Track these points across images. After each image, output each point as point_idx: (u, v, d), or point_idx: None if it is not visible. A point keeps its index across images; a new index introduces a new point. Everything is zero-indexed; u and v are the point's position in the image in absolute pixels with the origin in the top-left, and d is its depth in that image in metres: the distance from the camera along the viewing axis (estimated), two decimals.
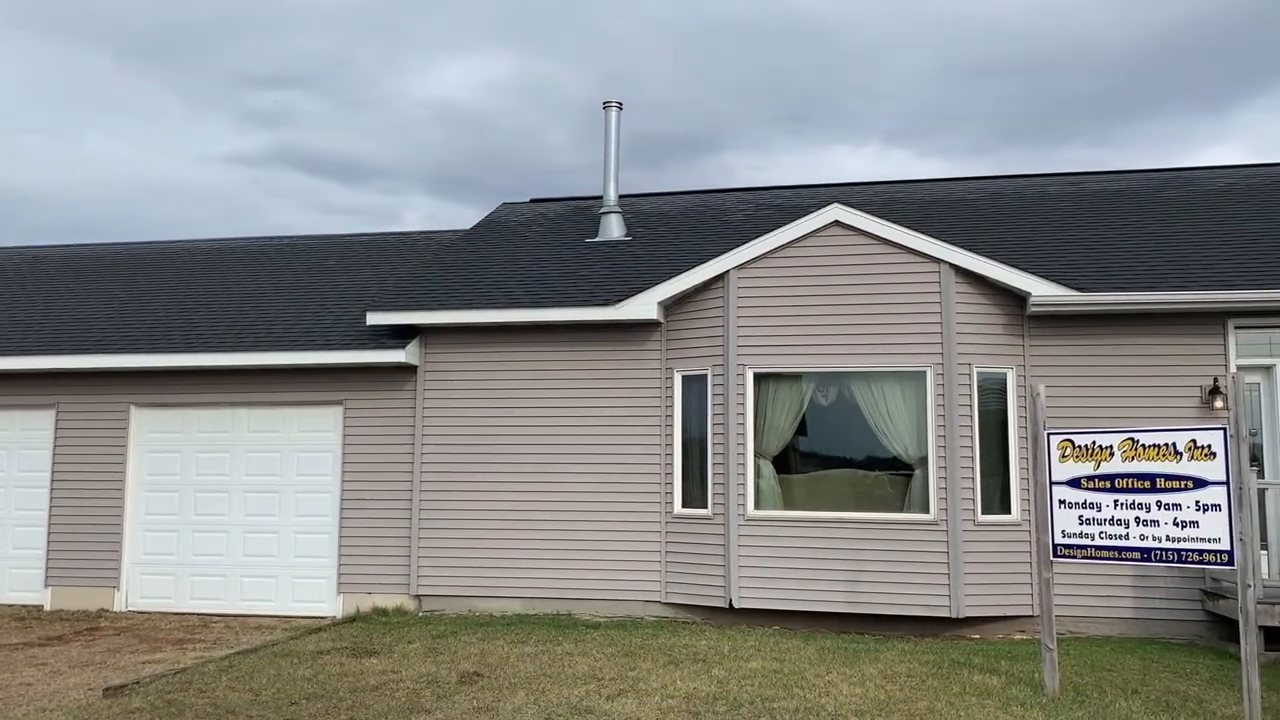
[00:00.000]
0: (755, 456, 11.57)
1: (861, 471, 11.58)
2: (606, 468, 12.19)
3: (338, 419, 13.05)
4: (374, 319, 12.69)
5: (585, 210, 16.37)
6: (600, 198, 15.44)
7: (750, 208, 15.91)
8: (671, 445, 12.05)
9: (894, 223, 11.84)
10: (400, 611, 12.36)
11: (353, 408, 12.99)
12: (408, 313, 12.68)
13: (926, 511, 11.04)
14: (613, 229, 14.94)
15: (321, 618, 12.48)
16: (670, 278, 12.10)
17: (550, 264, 14.01)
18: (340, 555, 12.81)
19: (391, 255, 16.55)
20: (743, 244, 12.02)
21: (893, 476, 11.41)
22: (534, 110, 54.95)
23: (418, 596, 12.53)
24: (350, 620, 12.07)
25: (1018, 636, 10.75)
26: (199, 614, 12.89)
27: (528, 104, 54.58)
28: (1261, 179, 14.83)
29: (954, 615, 10.77)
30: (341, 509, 12.87)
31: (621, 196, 15.77)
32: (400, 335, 12.81)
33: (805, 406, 11.67)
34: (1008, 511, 11.11)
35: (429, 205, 57.26)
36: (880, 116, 54.67)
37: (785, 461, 11.68)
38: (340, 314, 13.93)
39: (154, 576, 13.27)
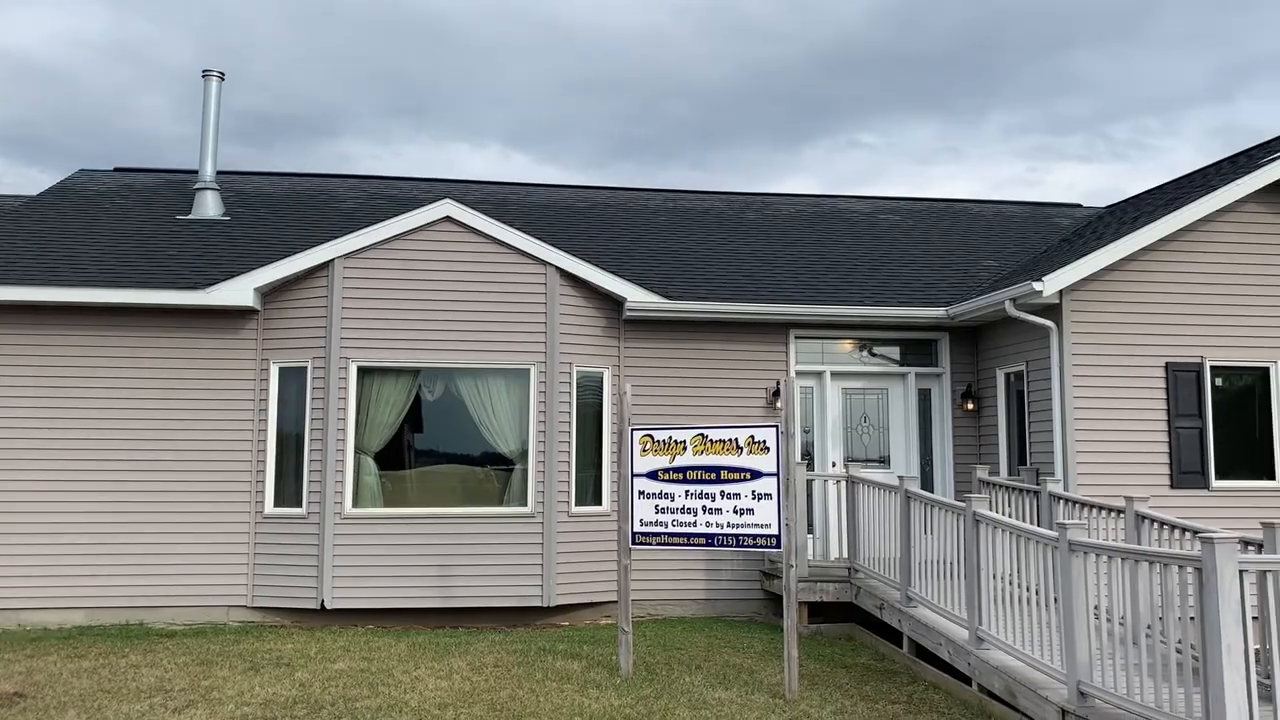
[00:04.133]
0: (356, 453, 11.28)
1: (466, 467, 11.68)
2: (188, 465, 11.30)
3: None
4: None
5: (179, 185, 15.10)
6: (196, 172, 14.31)
7: (363, 196, 15.50)
8: (265, 441, 11.43)
9: (506, 223, 12.08)
10: None
11: None
12: None
13: (525, 505, 11.37)
14: (209, 207, 13.91)
15: None
16: (270, 263, 11.47)
17: (134, 240, 12.76)
18: None
19: None
20: (351, 232, 11.68)
21: (496, 471, 11.62)
22: (126, 72, 49.85)
23: None
24: None
25: (603, 621, 11.37)
26: None
27: (119, 64, 49.39)
28: (825, 208, 16.85)
29: (546, 604, 11.18)
30: None
31: (221, 173, 14.74)
32: None
33: (411, 402, 11.56)
34: (599, 503, 11.72)
35: None
36: (501, 119, 55.61)
37: (389, 457, 11.49)
38: None
39: None
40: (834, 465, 12.62)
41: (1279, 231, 11.41)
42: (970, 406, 12.68)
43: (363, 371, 11.38)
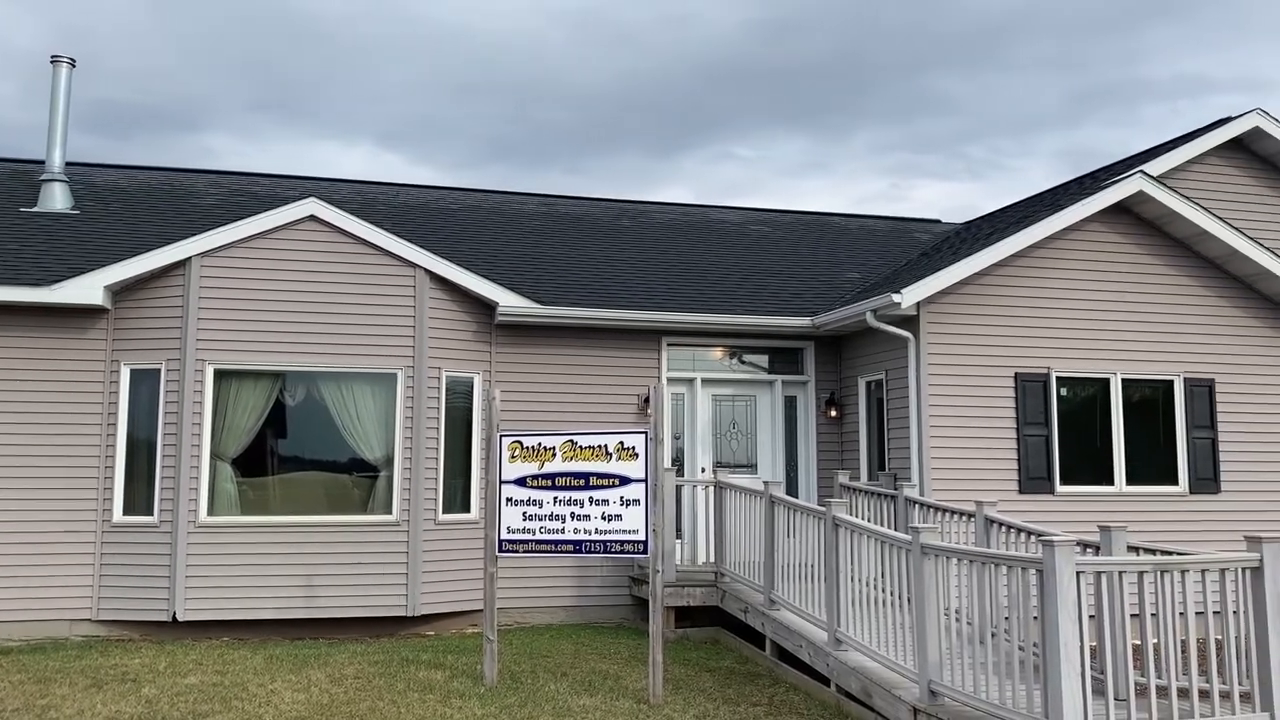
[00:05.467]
0: (213, 459, 10.86)
1: (330, 473, 11.36)
2: (29, 471, 10.67)
3: None
4: None
5: (24, 175, 14.27)
6: (43, 163, 13.55)
7: (224, 193, 14.95)
8: (114, 447, 10.89)
9: (375, 224, 11.83)
10: None
11: None
12: None
13: (390, 513, 11.13)
14: (56, 199, 13.18)
15: None
16: (122, 259, 10.94)
17: None
18: None
19: None
20: (211, 229, 11.25)
21: (360, 478, 11.34)
22: None
23: None
24: None
25: (470, 630, 11.22)
26: None
27: None
28: (698, 217, 17.07)
29: (411, 614, 10.97)
30: None
31: (72, 164, 14.02)
32: None
33: (272, 406, 11.18)
34: (468, 510, 11.57)
35: None
36: (373, 118, 54.59)
37: (248, 464, 11.07)
38: None
39: None
40: (703, 471, 12.77)
41: (1120, 250, 12.10)
42: (834, 413, 13.02)
43: (220, 374, 10.96)
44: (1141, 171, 11.93)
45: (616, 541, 8.09)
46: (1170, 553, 7.26)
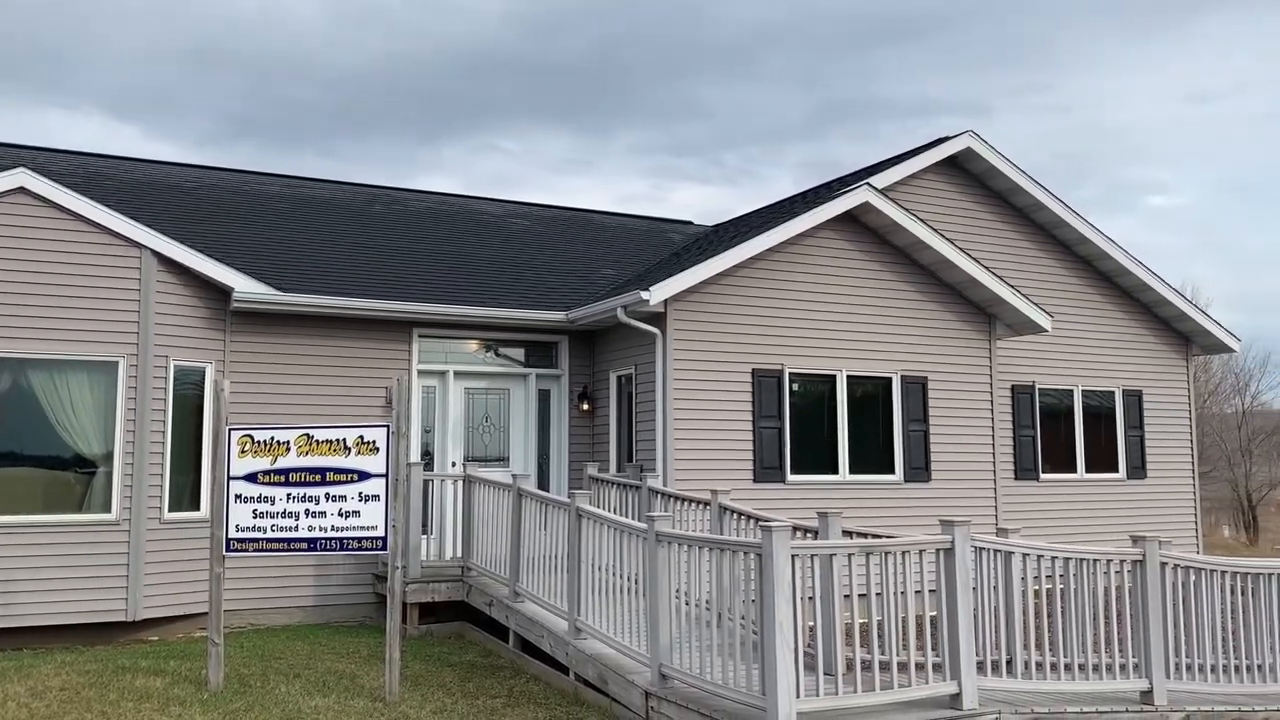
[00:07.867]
0: None
1: (40, 470, 10.38)
2: None
3: None
4: None
5: None
6: None
7: None
8: None
9: (100, 201, 10.94)
10: None
11: None
12: None
13: (109, 511, 10.33)
14: None
15: None
16: None
17: None
18: None
19: None
20: None
21: (77, 475, 10.44)
22: None
23: None
24: None
25: (198, 634, 10.58)
26: None
27: None
28: (457, 207, 16.87)
29: (132, 619, 10.23)
30: None
31: None
32: None
33: None
34: (198, 508, 10.90)
35: None
36: (103, 87, 50.58)
37: None
38: None
39: None
40: (454, 465, 12.64)
41: (849, 256, 12.97)
42: (586, 407, 13.23)
43: None
44: (868, 184, 12.83)
45: (354, 539, 7.88)
46: (879, 536, 7.87)
